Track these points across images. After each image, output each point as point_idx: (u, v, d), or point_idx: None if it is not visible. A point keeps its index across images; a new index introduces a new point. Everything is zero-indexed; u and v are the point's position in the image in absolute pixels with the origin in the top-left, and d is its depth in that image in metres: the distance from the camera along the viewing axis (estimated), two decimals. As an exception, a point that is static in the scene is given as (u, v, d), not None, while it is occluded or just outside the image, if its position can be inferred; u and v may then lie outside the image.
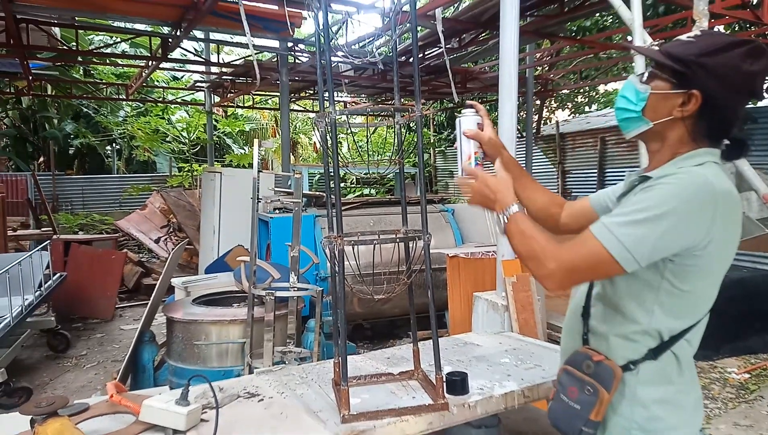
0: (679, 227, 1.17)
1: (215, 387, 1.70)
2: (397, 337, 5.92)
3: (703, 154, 1.28)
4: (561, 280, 1.25)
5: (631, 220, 1.19)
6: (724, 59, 1.22)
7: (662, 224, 1.17)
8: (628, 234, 1.19)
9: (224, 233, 7.06)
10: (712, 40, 1.26)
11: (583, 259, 1.23)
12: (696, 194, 1.18)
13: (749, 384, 4.46)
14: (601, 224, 1.23)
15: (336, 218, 1.71)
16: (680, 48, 1.28)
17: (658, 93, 1.29)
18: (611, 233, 1.20)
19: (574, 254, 1.24)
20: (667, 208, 1.17)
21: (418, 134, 1.84)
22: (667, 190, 1.20)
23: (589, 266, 1.23)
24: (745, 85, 1.24)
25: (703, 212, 1.18)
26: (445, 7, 6.34)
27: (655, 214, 1.17)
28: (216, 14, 6.06)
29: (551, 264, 1.24)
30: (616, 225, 1.21)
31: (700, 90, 1.24)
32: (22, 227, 9.86)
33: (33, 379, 4.85)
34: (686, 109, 1.26)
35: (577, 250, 1.24)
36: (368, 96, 13.63)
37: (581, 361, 1.34)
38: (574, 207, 1.63)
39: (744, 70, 1.22)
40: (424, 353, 1.96)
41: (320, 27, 1.77)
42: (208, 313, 3.79)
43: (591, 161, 13.01)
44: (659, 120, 1.30)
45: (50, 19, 7.56)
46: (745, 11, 6.26)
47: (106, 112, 15.47)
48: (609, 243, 1.20)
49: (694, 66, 1.24)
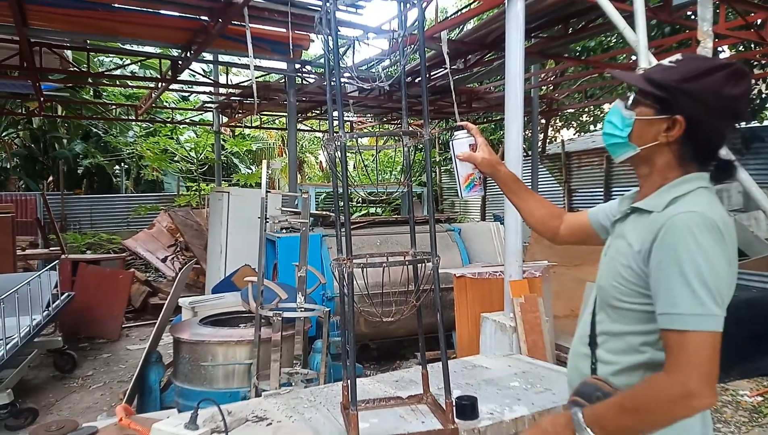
0: (724, 269, 1.17)
1: (224, 410, 1.69)
2: (404, 358, 5.87)
3: (692, 180, 1.27)
4: (709, 389, 1.13)
5: (693, 294, 1.14)
6: (705, 84, 1.22)
7: (714, 277, 1.15)
8: (707, 306, 1.14)
9: (231, 253, 7.08)
10: (693, 65, 1.26)
11: (701, 357, 1.13)
12: (712, 236, 1.16)
13: (762, 407, 4.38)
14: (678, 316, 1.15)
15: (345, 240, 1.72)
16: (662, 74, 1.28)
17: (642, 119, 1.30)
18: (696, 316, 1.14)
19: (691, 361, 1.13)
20: (704, 263, 1.15)
21: (426, 158, 1.85)
22: (688, 251, 1.16)
23: (710, 357, 1.14)
24: (727, 108, 1.24)
25: (725, 249, 1.18)
26: (450, 29, 6.42)
27: (703, 275, 1.14)
28: (225, 37, 6.16)
29: (688, 387, 1.12)
30: (689, 306, 1.14)
31: (684, 115, 1.24)
32: (30, 247, 9.92)
33: (39, 400, 4.83)
34: (671, 135, 1.26)
35: (688, 355, 1.14)
36: (375, 115, 13.74)
37: (591, 392, 1.30)
38: (572, 221, 1.64)
39: (726, 94, 1.22)
40: (432, 376, 1.95)
41: (330, 52, 1.80)
42: (215, 334, 3.78)
43: (597, 180, 13.00)
44: (645, 145, 1.30)
45: (63, 43, 7.70)
46: (749, 32, 6.29)
47: (116, 133, 15.66)
48: (702, 324, 1.14)
49: (676, 92, 1.24)
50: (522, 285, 3.91)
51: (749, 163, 9.63)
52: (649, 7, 5.50)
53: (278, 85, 9.59)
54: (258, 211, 3.49)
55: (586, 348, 1.40)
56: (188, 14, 6.03)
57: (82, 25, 6.21)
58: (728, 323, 1.29)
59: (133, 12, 5.89)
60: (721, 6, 5.89)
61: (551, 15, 6.34)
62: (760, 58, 8.40)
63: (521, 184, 1.70)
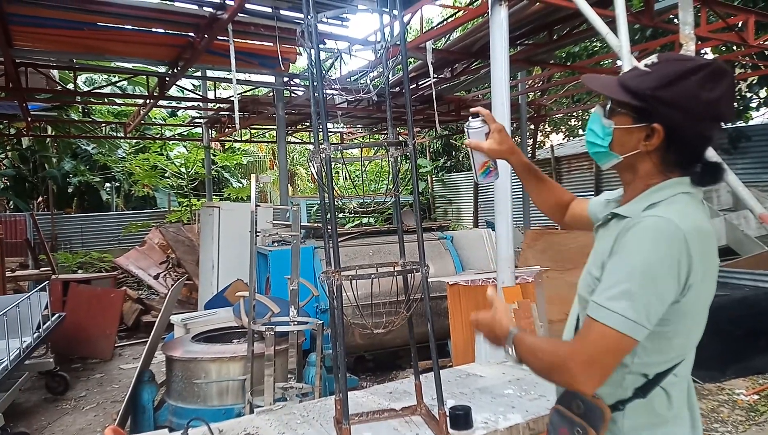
0: (665, 283, 1.15)
1: (214, 430, 1.67)
2: (400, 368, 5.84)
3: (672, 186, 1.25)
4: (585, 375, 1.17)
5: (621, 292, 1.15)
6: (681, 89, 1.18)
7: (650, 286, 1.14)
8: (625, 307, 1.15)
9: (223, 268, 7.04)
10: (668, 69, 1.21)
11: (594, 346, 1.17)
12: (669, 247, 1.15)
13: (759, 405, 4.38)
14: (596, 305, 1.19)
15: (333, 252, 1.71)
16: (636, 81, 1.24)
17: (621, 128, 1.27)
18: (609, 311, 1.16)
19: (585, 345, 1.19)
20: (646, 270, 1.14)
21: (413, 168, 1.86)
22: (639, 252, 1.16)
23: (604, 350, 1.17)
24: (707, 112, 1.20)
25: (680, 264, 1.15)
26: (436, 39, 6.46)
27: (640, 279, 1.14)
28: (211, 52, 6.17)
29: (570, 364, 1.18)
30: (609, 300, 1.17)
31: (662, 123, 1.21)
32: (20, 268, 9.82)
33: (31, 423, 4.76)
34: (650, 143, 1.23)
35: (586, 340, 1.19)
36: (363, 126, 13.77)
37: (571, 400, 1.31)
38: (575, 210, 1.66)
39: (704, 98, 1.18)
40: (426, 387, 1.94)
41: (313, 65, 1.80)
42: (207, 351, 3.75)
43: (587, 183, 13.07)
44: (627, 154, 1.28)
45: (49, 62, 7.68)
46: (731, 33, 6.38)
47: (105, 151, 15.59)
48: (611, 320, 1.15)
49: (651, 100, 1.21)
50: (515, 291, 3.91)
51: (737, 162, 9.72)
52: (631, 12, 5.57)
53: (267, 98, 9.61)
54: (249, 225, 3.48)
55: None
56: (174, 31, 6.03)
57: (68, 44, 6.20)
58: (722, 322, 1.30)
59: (118, 30, 5.89)
60: (702, 9, 5.96)
61: (535, 22, 6.40)
62: (741, 59, 8.51)
63: (534, 172, 1.68)
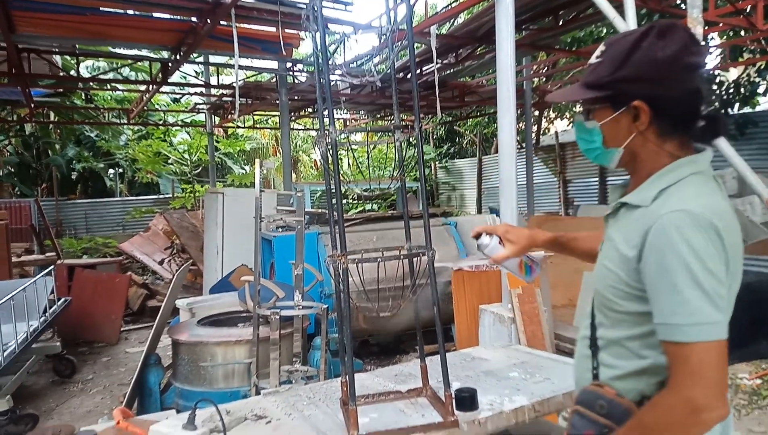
0: (719, 270, 1.10)
1: (222, 410, 1.69)
2: (404, 352, 5.88)
3: (681, 166, 1.20)
4: (716, 401, 1.07)
5: (695, 299, 1.07)
6: (636, 62, 1.17)
7: (713, 280, 1.08)
8: (709, 313, 1.07)
9: (228, 253, 7.07)
10: (616, 50, 1.20)
11: (705, 367, 1.07)
12: (706, 237, 1.09)
13: (762, 389, 4.41)
14: (678, 327, 1.09)
15: (339, 236, 1.72)
16: (593, 75, 1.23)
17: (606, 122, 1.25)
18: (698, 325, 1.07)
19: (695, 374, 1.07)
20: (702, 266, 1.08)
21: (419, 153, 1.85)
22: (683, 253, 1.09)
23: (715, 366, 1.07)
24: (673, 69, 1.16)
25: (723, 248, 1.11)
26: (440, 23, 6.40)
27: (703, 277, 1.08)
28: (214, 37, 6.14)
29: (695, 404, 1.06)
30: (690, 315, 1.07)
31: (639, 99, 1.18)
32: (26, 253, 9.89)
33: (39, 406, 4.82)
34: (641, 122, 1.20)
35: (691, 368, 1.08)
36: (367, 112, 13.71)
37: (593, 400, 1.25)
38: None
39: (660, 57, 1.15)
40: (431, 369, 1.95)
41: (318, 48, 1.79)
42: (213, 334, 3.78)
43: (592, 170, 13.00)
44: (626, 142, 1.24)
45: (51, 48, 7.65)
46: (739, 18, 6.29)
47: (108, 137, 15.59)
48: (705, 333, 1.07)
49: (614, 84, 1.20)
50: (519, 276, 3.92)
51: (743, 148, 9.64)
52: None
53: (270, 84, 9.56)
54: (253, 210, 3.48)
55: (587, 350, 1.35)
56: (177, 16, 6.00)
57: (70, 29, 6.16)
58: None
59: (120, 15, 5.86)
60: (711, -8, 5.89)
61: (541, 7, 6.34)
62: (749, 44, 8.40)
63: (560, 240, 1.67)
